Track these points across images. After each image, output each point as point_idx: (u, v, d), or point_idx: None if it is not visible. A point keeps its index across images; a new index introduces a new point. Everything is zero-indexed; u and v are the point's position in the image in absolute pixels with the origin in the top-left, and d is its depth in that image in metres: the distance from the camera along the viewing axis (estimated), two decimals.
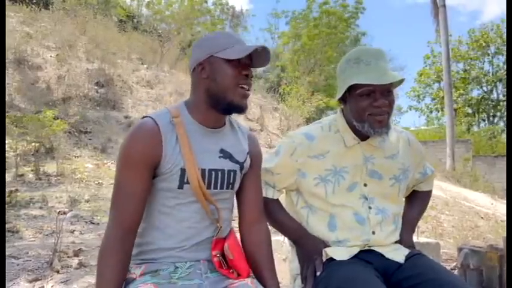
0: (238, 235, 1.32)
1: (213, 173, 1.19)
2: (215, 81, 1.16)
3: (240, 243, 1.29)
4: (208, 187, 1.19)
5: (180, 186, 1.15)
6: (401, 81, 1.35)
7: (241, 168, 1.26)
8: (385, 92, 1.29)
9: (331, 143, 1.38)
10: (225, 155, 1.22)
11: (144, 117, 1.20)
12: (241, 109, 1.19)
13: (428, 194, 1.64)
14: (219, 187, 1.21)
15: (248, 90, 1.18)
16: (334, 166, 1.36)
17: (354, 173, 1.37)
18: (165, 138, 1.14)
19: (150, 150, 1.12)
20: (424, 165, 1.56)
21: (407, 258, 1.33)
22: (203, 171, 1.18)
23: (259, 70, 20.09)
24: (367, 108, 1.28)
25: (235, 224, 1.32)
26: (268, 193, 1.45)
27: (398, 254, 1.34)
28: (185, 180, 1.15)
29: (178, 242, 1.18)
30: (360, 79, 1.26)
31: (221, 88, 1.15)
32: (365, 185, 1.38)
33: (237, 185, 1.27)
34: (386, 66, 1.30)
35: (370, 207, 1.36)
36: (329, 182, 1.37)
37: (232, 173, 1.23)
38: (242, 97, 1.17)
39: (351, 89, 1.31)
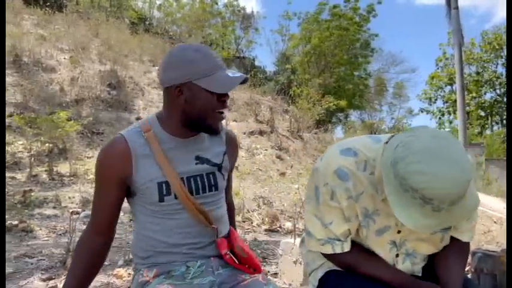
0: None
1: (192, 179, 1.20)
2: (194, 106, 1.15)
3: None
4: (191, 194, 1.20)
5: (161, 199, 1.17)
6: None
7: (220, 168, 1.27)
8: None
9: (365, 185, 1.15)
10: (201, 160, 1.23)
11: (117, 134, 1.23)
12: (216, 132, 1.21)
13: (467, 248, 1.26)
14: (201, 191, 1.21)
15: (223, 113, 1.20)
16: (366, 209, 1.17)
17: (386, 217, 1.16)
18: (135, 155, 1.16)
19: (119, 168, 1.16)
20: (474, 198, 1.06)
21: (424, 269, 1.26)
22: (182, 180, 1.19)
23: (269, 73, 20.13)
24: None
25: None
26: (336, 248, 1.18)
27: (415, 267, 1.25)
28: (164, 192, 1.17)
29: (179, 247, 1.21)
30: (421, 224, 0.97)
31: (200, 113, 1.15)
32: (399, 231, 1.18)
33: (221, 185, 1.27)
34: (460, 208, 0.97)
35: (397, 255, 1.20)
36: (362, 225, 1.19)
37: (211, 175, 1.24)
38: (219, 121, 1.20)
39: None
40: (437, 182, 0.91)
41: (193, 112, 1.15)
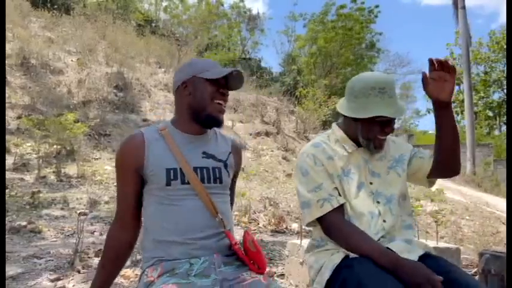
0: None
1: (198, 169, 1.32)
2: (196, 96, 1.34)
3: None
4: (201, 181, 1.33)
5: (168, 183, 1.28)
6: None
7: (225, 165, 1.40)
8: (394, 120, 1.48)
9: (334, 150, 1.51)
10: (208, 155, 1.37)
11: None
12: (217, 122, 1.37)
13: None
14: (206, 181, 1.32)
15: (224, 106, 1.37)
16: (342, 168, 1.48)
17: (359, 174, 1.48)
18: (148, 145, 1.31)
19: (134, 157, 1.31)
20: (417, 150, 1.62)
21: (421, 258, 1.34)
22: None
23: (275, 74, 20.13)
24: (379, 132, 1.44)
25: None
26: (333, 203, 1.41)
27: (411, 255, 1.34)
28: (171, 177, 1.28)
29: (183, 235, 1.26)
30: (387, 112, 1.40)
31: (200, 102, 1.33)
32: (371, 183, 1.49)
33: (225, 180, 1.38)
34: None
35: (378, 202, 1.45)
36: (345, 181, 1.47)
37: (217, 170, 1.36)
38: (218, 111, 1.35)
39: None
40: (377, 74, 1.47)
41: (196, 102, 1.34)
